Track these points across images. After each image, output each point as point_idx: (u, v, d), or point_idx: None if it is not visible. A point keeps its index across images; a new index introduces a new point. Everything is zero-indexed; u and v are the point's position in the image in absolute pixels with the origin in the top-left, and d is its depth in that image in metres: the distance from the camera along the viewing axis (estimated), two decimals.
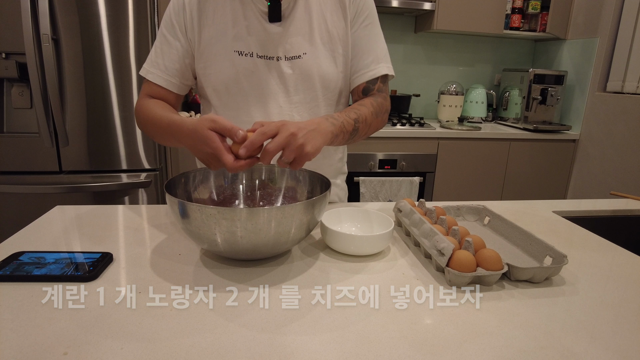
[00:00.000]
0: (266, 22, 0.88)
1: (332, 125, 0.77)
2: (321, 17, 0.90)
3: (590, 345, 0.50)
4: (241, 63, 0.89)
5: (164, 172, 2.08)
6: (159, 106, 0.89)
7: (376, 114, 0.92)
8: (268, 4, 0.87)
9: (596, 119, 2.42)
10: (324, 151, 0.98)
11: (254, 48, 0.88)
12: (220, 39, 0.88)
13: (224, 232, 0.58)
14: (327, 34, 0.91)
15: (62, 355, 0.45)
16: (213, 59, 0.89)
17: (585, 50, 2.49)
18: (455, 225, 0.75)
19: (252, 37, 0.88)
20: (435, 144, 2.34)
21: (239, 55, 0.88)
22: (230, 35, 0.88)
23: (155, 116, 0.84)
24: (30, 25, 1.68)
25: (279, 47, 0.89)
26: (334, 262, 0.69)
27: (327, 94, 0.93)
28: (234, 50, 0.88)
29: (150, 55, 0.93)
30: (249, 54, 0.88)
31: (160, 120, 0.82)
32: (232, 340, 0.48)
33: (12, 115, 1.87)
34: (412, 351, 0.47)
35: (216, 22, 0.88)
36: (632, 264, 0.73)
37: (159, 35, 0.92)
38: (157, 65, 0.91)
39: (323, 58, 0.90)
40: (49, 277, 0.59)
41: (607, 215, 1.02)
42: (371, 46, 0.94)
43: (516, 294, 0.61)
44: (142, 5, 1.80)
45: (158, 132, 0.85)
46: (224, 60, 0.89)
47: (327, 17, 0.90)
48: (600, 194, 2.38)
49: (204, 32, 0.89)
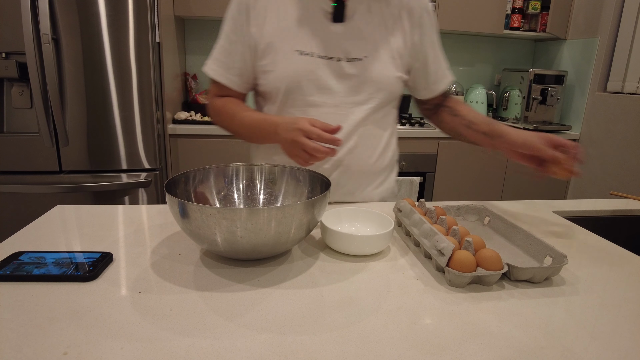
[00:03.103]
0: (329, 22, 0.90)
1: None
2: (382, 23, 0.92)
3: (590, 345, 0.50)
4: (301, 62, 0.90)
5: (164, 172, 2.08)
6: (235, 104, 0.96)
7: None
8: (333, 5, 0.88)
9: (596, 119, 2.42)
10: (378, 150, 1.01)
11: (315, 48, 0.90)
12: (282, 38, 0.90)
13: (224, 232, 0.58)
14: (387, 40, 0.93)
15: (62, 355, 0.45)
16: (274, 58, 0.91)
17: (586, 50, 2.49)
18: (455, 225, 0.75)
19: (313, 37, 0.90)
20: (435, 144, 2.34)
21: (300, 54, 0.90)
22: (292, 34, 0.90)
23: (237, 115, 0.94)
24: (30, 25, 1.68)
25: (340, 48, 0.91)
26: (334, 262, 0.69)
27: (382, 96, 0.96)
28: (295, 50, 0.90)
29: (213, 52, 0.96)
30: (309, 54, 0.90)
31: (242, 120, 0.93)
32: (232, 340, 0.48)
33: (12, 115, 1.87)
34: (412, 351, 0.47)
35: (279, 21, 0.90)
36: (632, 264, 0.73)
37: (222, 34, 0.95)
38: (221, 63, 0.95)
39: (382, 63, 0.93)
40: (49, 277, 0.59)
41: (607, 215, 1.02)
42: (441, 56, 1.01)
43: (516, 294, 0.61)
44: (142, 5, 1.80)
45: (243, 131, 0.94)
46: (284, 59, 0.90)
47: (388, 24, 0.93)
48: (600, 194, 2.38)
49: (266, 30, 0.90)
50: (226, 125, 0.99)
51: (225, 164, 0.82)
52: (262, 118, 0.91)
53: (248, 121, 0.93)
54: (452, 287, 0.62)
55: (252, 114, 0.93)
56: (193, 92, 2.53)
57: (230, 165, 0.82)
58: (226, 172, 0.82)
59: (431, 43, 0.99)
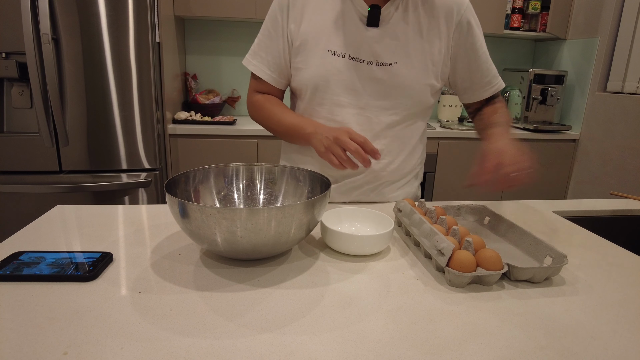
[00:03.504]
0: (363, 25, 0.90)
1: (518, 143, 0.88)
2: (418, 30, 0.92)
3: (590, 345, 0.50)
4: (332, 62, 0.91)
5: (164, 172, 2.08)
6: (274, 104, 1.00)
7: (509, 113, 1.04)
8: (368, 9, 0.89)
9: (596, 119, 2.42)
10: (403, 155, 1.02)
11: (347, 49, 0.91)
12: (317, 37, 0.92)
13: (224, 232, 0.58)
14: (421, 47, 0.93)
15: (62, 355, 0.45)
16: (306, 56, 0.93)
17: (586, 50, 2.49)
18: (455, 225, 0.75)
19: (346, 39, 0.91)
20: (435, 144, 2.34)
21: (332, 54, 0.91)
22: (326, 34, 0.91)
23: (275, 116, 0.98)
24: (30, 25, 1.68)
25: (372, 52, 0.91)
26: (334, 262, 0.69)
27: (410, 104, 0.96)
28: (327, 50, 0.91)
29: (253, 47, 0.99)
30: (340, 55, 0.91)
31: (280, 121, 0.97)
32: (232, 340, 0.48)
33: (12, 115, 1.87)
34: (412, 351, 0.47)
35: (315, 21, 0.92)
36: (632, 264, 0.73)
37: (262, 29, 0.97)
38: (260, 57, 0.98)
39: (413, 70, 0.93)
40: (49, 277, 0.59)
41: (607, 215, 1.02)
42: (488, 62, 1.00)
43: (516, 294, 0.61)
44: (142, 5, 1.80)
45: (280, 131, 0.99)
46: (316, 58, 0.92)
47: (424, 31, 0.92)
48: (600, 194, 2.38)
49: (302, 28, 0.92)
50: (264, 123, 1.02)
51: (225, 164, 0.82)
52: (298, 123, 0.94)
53: (285, 123, 0.96)
54: (452, 287, 0.62)
55: (289, 116, 0.96)
56: (193, 92, 2.53)
57: (230, 165, 0.82)
58: (226, 172, 0.82)
59: (471, 49, 0.96)
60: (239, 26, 2.58)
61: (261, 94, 1.02)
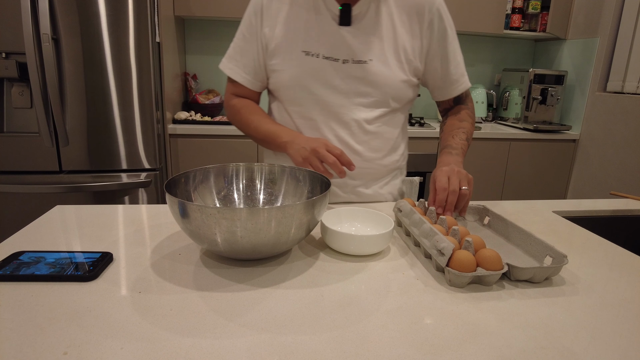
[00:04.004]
0: (336, 25, 0.91)
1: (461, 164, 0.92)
2: (391, 27, 0.93)
3: (590, 345, 0.50)
4: (308, 63, 0.92)
5: (164, 172, 2.08)
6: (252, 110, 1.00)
7: (473, 123, 1.05)
8: (339, 8, 0.90)
9: (596, 119, 2.42)
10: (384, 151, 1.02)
11: (321, 49, 0.92)
12: (291, 38, 0.93)
13: (224, 232, 0.58)
14: (395, 43, 0.93)
15: (62, 355, 0.45)
16: (282, 58, 0.94)
17: (586, 50, 2.49)
18: (455, 225, 0.75)
19: (320, 39, 0.92)
20: (435, 144, 2.34)
21: (306, 55, 0.92)
22: (300, 35, 0.92)
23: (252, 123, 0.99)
24: (30, 25, 1.68)
25: (346, 51, 0.92)
26: (334, 262, 0.69)
27: (388, 100, 0.96)
28: (302, 50, 0.92)
29: (229, 51, 1.00)
30: (315, 55, 0.92)
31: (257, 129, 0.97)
32: (232, 340, 0.48)
33: (12, 115, 1.87)
34: (412, 351, 0.47)
35: (289, 23, 0.93)
36: (632, 264, 0.73)
37: (238, 33, 0.99)
38: (236, 61, 0.99)
39: (388, 67, 0.93)
40: (49, 277, 0.59)
41: (607, 215, 1.02)
42: (457, 61, 1.00)
43: (516, 294, 0.61)
44: (142, 5, 1.80)
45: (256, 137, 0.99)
46: (291, 59, 0.93)
47: (397, 27, 0.93)
48: (600, 194, 2.38)
49: (277, 31, 0.93)
50: (241, 128, 1.03)
51: (225, 164, 0.82)
52: (275, 131, 0.94)
53: (262, 130, 0.97)
54: (452, 287, 0.62)
55: (265, 124, 0.97)
56: (193, 92, 2.53)
57: (230, 165, 0.82)
58: (226, 172, 0.82)
59: (442, 47, 0.97)
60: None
61: (238, 98, 1.03)
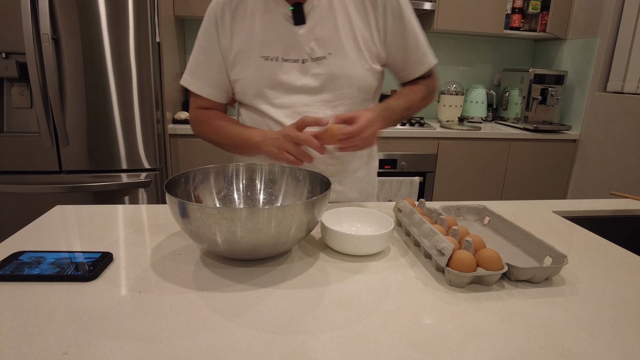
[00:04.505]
0: (292, 25, 0.90)
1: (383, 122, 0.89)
2: (346, 17, 0.92)
3: (590, 345, 0.50)
4: (268, 68, 0.92)
5: (164, 172, 2.08)
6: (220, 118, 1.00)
7: (424, 97, 1.01)
8: (291, 8, 0.89)
9: (596, 119, 2.42)
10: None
11: (280, 52, 0.91)
12: (249, 46, 0.92)
13: (224, 232, 0.58)
14: (352, 33, 0.92)
15: (62, 355, 0.45)
16: (243, 66, 0.93)
17: (586, 50, 2.49)
18: (455, 225, 0.75)
19: (278, 42, 0.91)
20: (435, 144, 2.34)
21: (266, 60, 0.92)
22: (257, 41, 0.92)
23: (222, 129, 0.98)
24: (30, 25, 1.68)
25: (305, 49, 0.91)
26: (334, 262, 0.69)
27: (353, 92, 0.95)
28: (261, 56, 0.92)
29: (189, 65, 0.99)
30: (274, 59, 0.92)
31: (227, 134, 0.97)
32: (232, 340, 0.48)
33: (12, 115, 1.87)
34: (412, 351, 0.47)
35: (245, 31, 0.92)
36: (632, 264, 0.73)
37: (196, 46, 0.97)
38: (197, 75, 0.98)
39: (349, 57, 0.92)
40: (49, 277, 0.59)
41: (607, 215, 1.02)
42: (417, 40, 0.97)
43: (516, 294, 0.61)
44: (142, 5, 1.80)
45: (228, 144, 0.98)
46: (251, 67, 0.92)
47: (352, 17, 0.92)
48: (600, 194, 2.38)
49: (234, 41, 0.93)
50: (210, 138, 1.01)
51: (225, 164, 0.82)
52: (245, 134, 0.94)
53: (233, 136, 0.96)
54: (452, 287, 0.62)
55: (236, 129, 0.96)
56: None
57: (230, 165, 0.82)
58: (226, 172, 0.82)
59: (400, 29, 0.94)
60: None
61: (204, 110, 1.02)
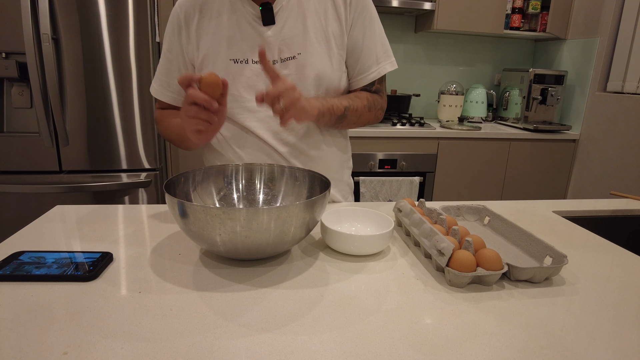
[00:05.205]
0: (260, 26, 0.88)
1: (321, 105, 0.85)
2: (315, 17, 0.90)
3: (590, 345, 0.50)
4: (237, 71, 0.90)
5: (164, 172, 2.08)
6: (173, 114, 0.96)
7: (369, 107, 0.96)
8: (260, 8, 0.87)
9: (596, 119, 2.42)
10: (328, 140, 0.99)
11: (249, 54, 0.89)
12: (217, 49, 0.90)
13: (223, 232, 0.58)
14: (323, 32, 0.90)
15: (62, 355, 0.45)
16: (210, 69, 0.90)
17: (586, 50, 2.49)
18: (455, 225, 0.75)
19: (246, 44, 0.89)
20: (435, 144, 2.34)
21: (234, 63, 0.90)
22: (225, 44, 0.89)
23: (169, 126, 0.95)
24: (30, 25, 1.68)
25: (274, 50, 0.89)
26: (334, 262, 0.69)
27: (323, 92, 0.93)
28: (229, 59, 0.89)
29: (156, 73, 0.97)
30: (243, 61, 0.89)
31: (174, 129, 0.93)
32: (232, 340, 0.48)
33: (12, 115, 1.87)
34: (412, 351, 0.47)
35: (212, 34, 0.90)
36: (632, 264, 0.73)
37: (162, 53, 0.96)
38: (161, 82, 0.97)
39: (318, 57, 0.90)
40: (49, 276, 0.59)
41: (607, 215, 1.02)
42: (371, 47, 0.94)
43: (516, 294, 0.61)
44: (142, 5, 1.80)
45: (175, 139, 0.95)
46: (220, 70, 0.89)
47: (322, 16, 0.90)
48: (600, 194, 2.38)
49: (201, 45, 0.91)
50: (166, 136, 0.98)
51: (225, 164, 0.82)
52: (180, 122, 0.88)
53: (173, 126, 0.93)
54: (452, 287, 0.62)
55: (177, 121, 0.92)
56: None
57: (230, 165, 0.82)
58: (226, 172, 0.82)
59: (359, 32, 0.92)
60: None
61: (162, 109, 1.00)
